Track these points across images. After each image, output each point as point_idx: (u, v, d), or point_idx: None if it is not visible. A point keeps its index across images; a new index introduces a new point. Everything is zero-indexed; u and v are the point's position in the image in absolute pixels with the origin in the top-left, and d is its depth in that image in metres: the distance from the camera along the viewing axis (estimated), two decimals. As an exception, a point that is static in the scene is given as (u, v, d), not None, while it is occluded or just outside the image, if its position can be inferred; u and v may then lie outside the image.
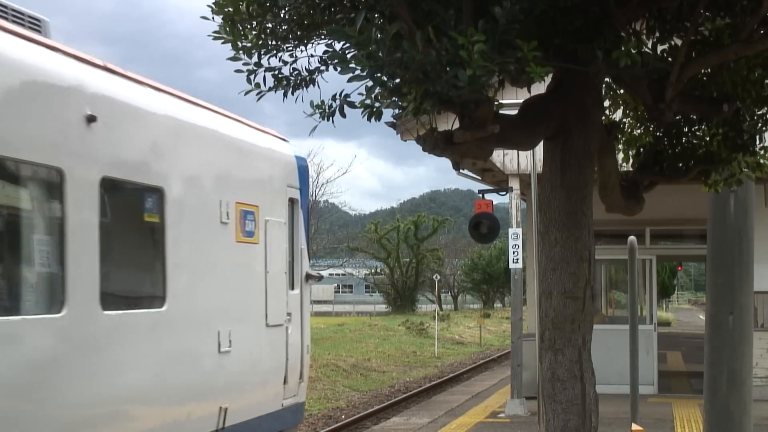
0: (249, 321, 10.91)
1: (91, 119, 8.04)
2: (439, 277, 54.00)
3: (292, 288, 12.21)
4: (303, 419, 13.40)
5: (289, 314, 11.94)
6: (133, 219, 9.21)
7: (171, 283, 9.17)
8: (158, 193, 9.13)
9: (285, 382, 11.77)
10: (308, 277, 12.78)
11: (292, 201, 12.29)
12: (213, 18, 5.43)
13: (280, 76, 5.56)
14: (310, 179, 13.71)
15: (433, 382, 26.37)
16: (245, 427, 10.64)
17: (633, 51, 4.83)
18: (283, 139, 12.59)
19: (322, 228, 68.98)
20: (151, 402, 8.88)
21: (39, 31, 8.29)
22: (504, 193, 18.36)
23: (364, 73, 4.62)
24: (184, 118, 9.81)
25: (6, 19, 7.84)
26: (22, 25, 8.02)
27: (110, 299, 8.23)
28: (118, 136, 8.50)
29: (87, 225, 7.99)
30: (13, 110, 7.26)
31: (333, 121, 5.19)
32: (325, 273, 62.53)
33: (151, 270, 9.21)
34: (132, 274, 9.15)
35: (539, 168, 7.91)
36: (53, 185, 7.69)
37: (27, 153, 7.37)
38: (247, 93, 5.46)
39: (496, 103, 5.44)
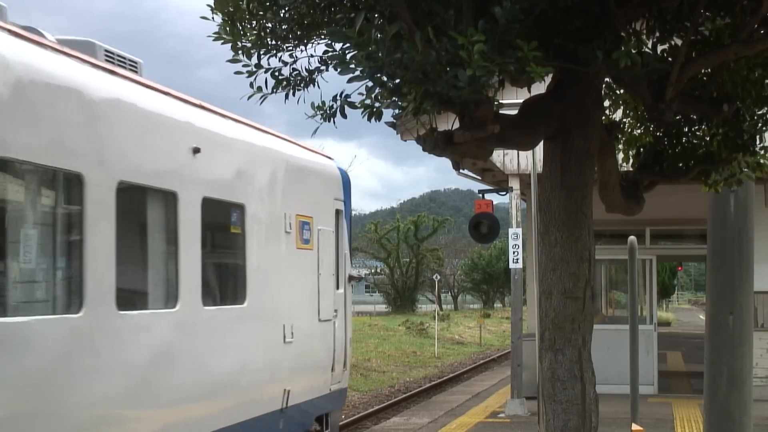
0: (306, 316, 12.65)
1: (196, 150, 9.89)
2: (439, 277, 54.01)
3: (338, 288, 13.90)
4: (345, 403, 15.34)
5: (335, 310, 13.67)
6: (223, 231, 10.98)
7: (250, 283, 10.99)
8: (240, 209, 10.95)
9: (332, 369, 13.53)
10: (350, 278, 14.70)
11: (337, 212, 14.12)
12: (213, 17, 5.42)
13: (280, 77, 5.56)
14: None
15: (433, 382, 26.38)
16: (302, 407, 12.43)
17: (633, 51, 4.83)
18: (329, 158, 14.58)
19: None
20: (236, 384, 10.60)
21: (135, 71, 9.79)
22: (504, 193, 18.37)
23: (364, 74, 4.62)
24: (259, 145, 11.70)
25: (112, 62, 9.39)
26: (123, 67, 9.56)
27: (208, 297, 10.08)
28: (214, 164, 10.35)
29: (193, 237, 9.79)
30: (147, 146, 9.09)
31: (334, 122, 5.19)
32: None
33: (235, 273, 11.01)
34: (223, 276, 11.01)
35: (539, 168, 7.92)
36: (170, 205, 9.48)
37: (154, 180, 9.21)
38: (249, 97, 5.46)
39: (496, 103, 5.44)
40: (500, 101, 5.65)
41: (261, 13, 5.38)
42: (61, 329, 7.71)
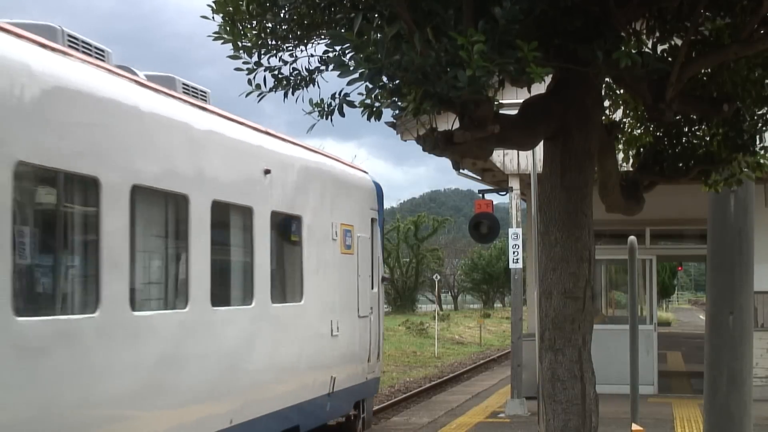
0: (348, 313, 14.67)
1: (267, 172, 11.87)
2: (439, 277, 53.97)
3: (372, 288, 15.99)
4: (378, 391, 17.55)
5: (371, 308, 15.76)
6: (286, 239, 12.87)
7: (306, 284, 13.02)
8: (298, 220, 12.94)
9: (368, 360, 15.58)
10: (383, 278, 16.89)
11: (372, 220, 16.10)
12: (213, 17, 5.43)
13: (280, 76, 5.56)
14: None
15: (433, 382, 26.36)
16: (345, 393, 14.41)
17: (633, 51, 4.83)
18: (365, 172, 16.60)
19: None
20: (296, 370, 12.65)
21: (204, 100, 11.43)
22: (504, 193, 18.36)
23: (364, 77, 4.62)
24: (312, 163, 13.69)
25: (187, 93, 10.90)
26: (196, 97, 11.12)
27: (275, 296, 12.08)
28: (280, 182, 12.30)
29: (264, 245, 11.70)
30: (231, 169, 11.04)
31: (331, 120, 5.19)
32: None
33: (294, 275, 12.94)
34: (285, 278, 12.83)
35: (539, 168, 7.91)
36: (246, 219, 11.41)
37: (237, 198, 11.18)
38: (248, 94, 5.47)
39: (496, 103, 5.44)
40: (500, 101, 5.65)
41: (261, 13, 5.38)
42: (174, 321, 9.67)
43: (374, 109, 4.91)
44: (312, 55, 5.56)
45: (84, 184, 8.31)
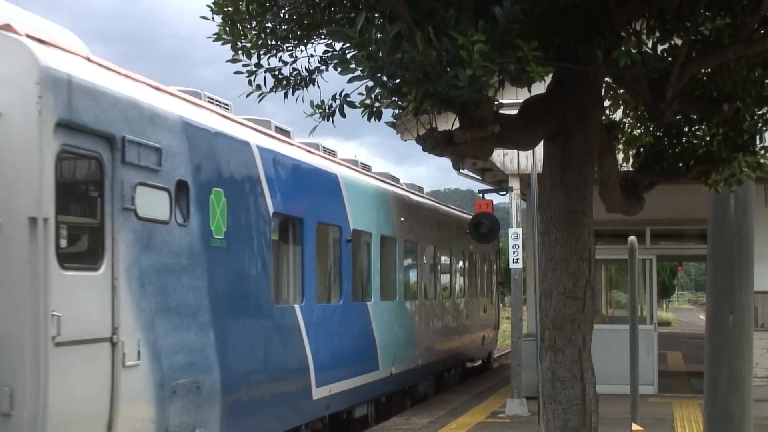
0: (488, 298, 26.41)
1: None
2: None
3: (492, 281, 27.57)
4: (495, 347, 28.92)
5: (495, 295, 27.94)
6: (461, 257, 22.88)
7: (468, 283, 23.31)
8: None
9: (495, 328, 27.61)
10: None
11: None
12: (213, 18, 5.42)
13: (280, 76, 5.56)
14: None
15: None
16: (486, 345, 25.81)
17: (633, 51, 4.83)
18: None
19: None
20: (472, 328, 23.58)
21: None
22: (504, 193, 18.35)
23: (365, 74, 4.62)
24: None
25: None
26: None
27: (457, 292, 22.34)
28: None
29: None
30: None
31: (333, 121, 5.19)
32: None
33: (470, 278, 24.08)
34: (469, 280, 24.04)
35: (539, 168, 7.91)
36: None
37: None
38: (248, 95, 5.47)
39: (496, 103, 5.44)
40: (500, 101, 5.65)
41: (261, 14, 5.38)
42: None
43: (374, 109, 4.91)
44: (312, 55, 5.56)
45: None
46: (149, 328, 8.42)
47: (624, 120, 7.11)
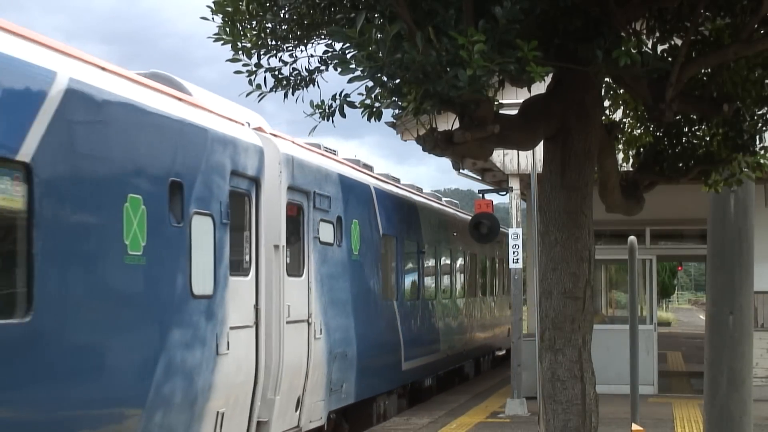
0: (505, 297, 26.15)
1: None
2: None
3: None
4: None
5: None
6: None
7: (488, 284, 25.78)
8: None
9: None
10: None
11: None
12: (213, 18, 5.42)
13: (280, 76, 5.56)
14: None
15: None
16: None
17: (633, 51, 4.83)
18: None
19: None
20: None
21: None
22: (504, 193, 18.35)
23: (365, 74, 4.62)
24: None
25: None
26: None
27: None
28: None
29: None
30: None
31: (333, 121, 5.19)
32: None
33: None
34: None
35: (539, 168, 7.91)
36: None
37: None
38: (248, 95, 5.47)
39: (496, 103, 5.44)
40: (500, 101, 5.65)
41: (261, 14, 5.38)
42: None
43: (374, 109, 4.91)
44: (312, 55, 5.56)
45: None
46: (324, 315, 12.80)
47: (624, 120, 7.11)
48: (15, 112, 6.91)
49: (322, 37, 5.52)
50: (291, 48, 5.58)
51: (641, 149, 7.09)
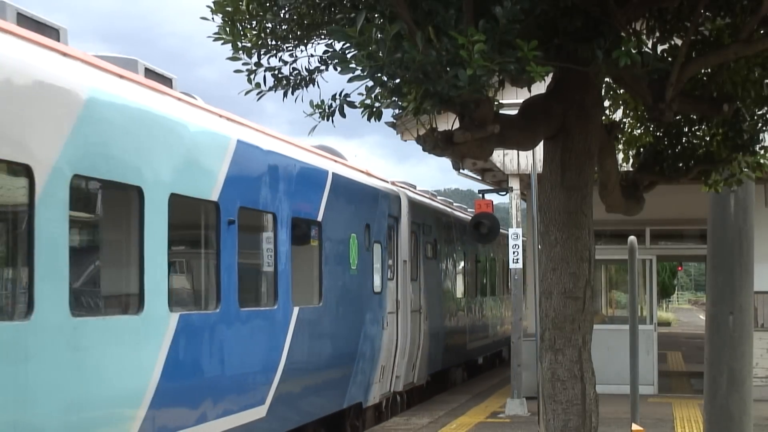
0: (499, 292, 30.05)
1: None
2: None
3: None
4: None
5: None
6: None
7: (497, 287, 27.77)
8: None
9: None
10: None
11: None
12: (212, 18, 5.42)
13: (280, 75, 5.56)
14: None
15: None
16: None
17: (633, 51, 4.83)
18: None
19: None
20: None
21: (343, 157, 15.87)
22: (504, 193, 18.35)
23: (365, 74, 4.62)
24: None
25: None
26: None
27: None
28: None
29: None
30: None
31: (333, 121, 5.19)
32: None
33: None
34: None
35: (539, 168, 7.92)
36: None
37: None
38: (247, 93, 5.47)
39: (496, 103, 5.44)
40: (500, 101, 5.65)
41: (261, 13, 5.38)
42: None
43: (374, 109, 4.91)
44: (312, 55, 5.56)
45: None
46: (428, 307, 18.18)
47: (624, 120, 7.11)
48: (311, 191, 12.90)
49: (322, 36, 5.52)
50: (291, 48, 5.58)
51: (641, 149, 7.09)
